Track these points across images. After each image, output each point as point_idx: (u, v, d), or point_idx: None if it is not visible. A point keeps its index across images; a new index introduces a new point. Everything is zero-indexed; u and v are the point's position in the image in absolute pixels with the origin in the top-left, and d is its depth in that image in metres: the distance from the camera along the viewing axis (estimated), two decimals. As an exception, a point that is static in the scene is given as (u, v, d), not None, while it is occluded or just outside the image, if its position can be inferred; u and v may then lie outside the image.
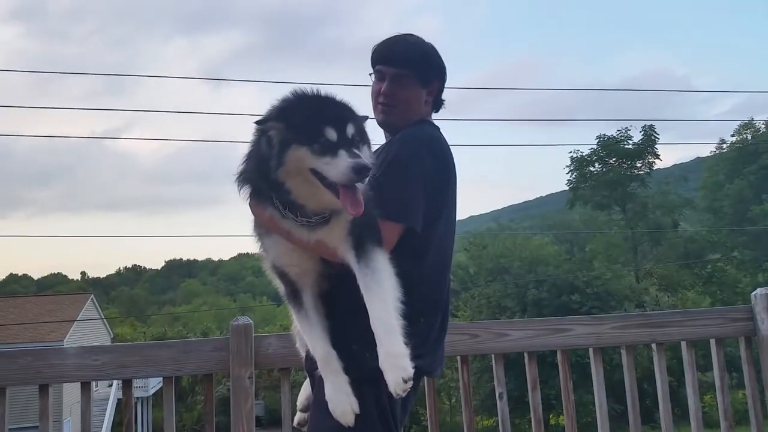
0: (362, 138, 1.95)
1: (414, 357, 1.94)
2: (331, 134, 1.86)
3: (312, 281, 2.07)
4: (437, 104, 2.38)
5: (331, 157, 1.84)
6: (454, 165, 2.24)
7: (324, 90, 2.00)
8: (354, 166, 1.80)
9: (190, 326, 44.62)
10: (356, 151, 1.86)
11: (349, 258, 1.96)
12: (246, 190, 2.00)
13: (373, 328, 1.87)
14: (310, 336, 2.05)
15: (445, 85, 2.39)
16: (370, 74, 2.32)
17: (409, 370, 1.81)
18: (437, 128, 2.32)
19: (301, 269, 2.06)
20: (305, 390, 2.40)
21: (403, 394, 1.82)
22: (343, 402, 1.98)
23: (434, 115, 2.39)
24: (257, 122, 1.95)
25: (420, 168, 2.08)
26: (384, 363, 1.83)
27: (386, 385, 1.84)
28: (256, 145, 1.96)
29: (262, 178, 1.92)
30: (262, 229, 2.08)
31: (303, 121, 1.89)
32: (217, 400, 3.00)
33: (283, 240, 2.01)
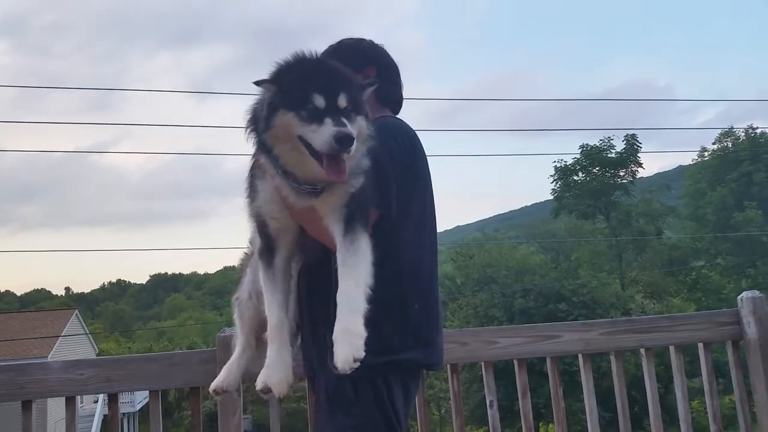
0: (356, 108, 1.89)
1: (407, 348, 1.99)
2: (320, 101, 1.81)
3: (288, 242, 2.04)
4: (388, 98, 2.35)
5: (318, 125, 1.79)
6: (420, 144, 2.23)
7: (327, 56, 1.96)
8: (336, 135, 1.75)
9: (176, 341, 44.28)
10: (344, 120, 1.80)
11: (335, 229, 1.91)
12: (252, 136, 1.93)
13: (338, 302, 1.80)
14: (270, 297, 2.01)
15: (399, 81, 2.39)
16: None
17: (362, 351, 1.72)
18: (396, 118, 2.31)
19: (281, 225, 2.02)
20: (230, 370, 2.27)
21: (349, 371, 1.72)
22: (281, 370, 1.96)
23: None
24: (255, 82, 1.90)
25: (387, 154, 2.05)
26: (339, 337, 1.75)
27: (384, 379, 1.85)
28: (254, 103, 1.94)
29: (254, 135, 1.91)
30: (259, 170, 2.00)
31: (294, 86, 1.85)
32: (205, 415, 2.96)
33: (274, 191, 1.97)
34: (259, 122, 1.87)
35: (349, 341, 1.73)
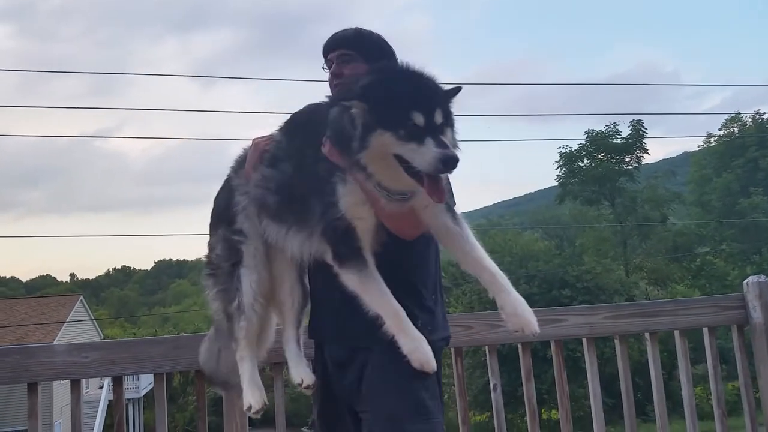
0: (448, 121, 1.88)
1: (448, 326, 2.26)
2: (419, 119, 1.79)
3: (371, 240, 2.00)
4: None
5: (417, 144, 1.78)
6: None
7: (414, 64, 1.93)
8: (442, 158, 1.75)
9: (181, 327, 44.41)
10: (443, 139, 1.80)
11: (447, 220, 2.00)
12: (346, 156, 1.89)
13: (500, 278, 1.98)
14: (380, 295, 1.96)
15: None
16: (322, 68, 2.39)
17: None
18: None
19: (367, 225, 1.98)
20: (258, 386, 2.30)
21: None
22: (426, 351, 1.96)
23: None
24: (341, 100, 1.91)
25: None
26: (524, 307, 1.98)
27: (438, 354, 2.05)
28: (339, 119, 1.91)
29: (345, 154, 1.88)
30: (340, 175, 1.95)
31: (389, 104, 1.82)
32: (210, 400, 2.96)
33: (359, 190, 1.94)
34: (352, 141, 1.84)
35: (530, 311, 1.97)
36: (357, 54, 2.32)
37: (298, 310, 2.35)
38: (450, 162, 1.75)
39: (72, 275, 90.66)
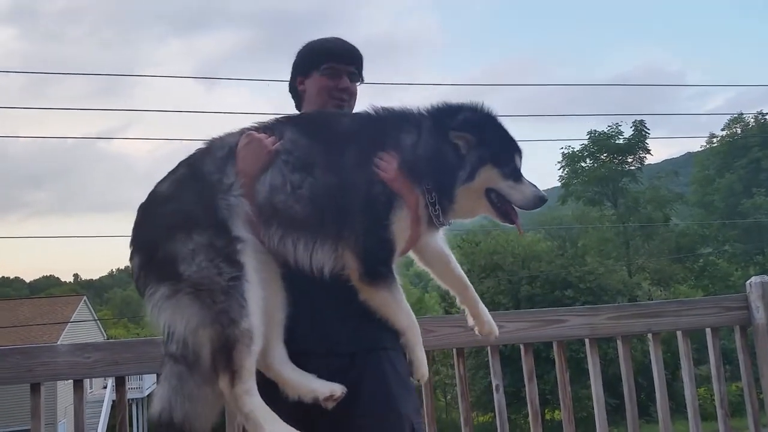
0: None
1: None
2: (519, 162, 2.06)
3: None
4: None
5: (514, 181, 2.03)
6: None
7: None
8: (540, 195, 2.03)
9: (184, 327, 44.36)
10: (530, 181, 2.06)
11: (441, 244, 2.24)
12: (447, 185, 2.02)
13: (474, 293, 2.33)
14: (407, 311, 2.08)
15: None
16: (314, 71, 2.33)
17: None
18: None
19: (402, 247, 2.09)
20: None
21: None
22: (426, 364, 2.16)
23: None
24: (454, 127, 2.01)
25: None
26: (488, 315, 2.35)
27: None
28: (437, 148, 2.02)
29: (439, 181, 2.00)
30: (400, 200, 2.01)
31: (499, 143, 2.05)
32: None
33: (409, 216, 2.03)
34: (456, 170, 1.99)
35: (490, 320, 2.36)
36: (359, 73, 2.38)
37: (283, 325, 2.05)
38: (543, 200, 2.04)
39: (75, 276, 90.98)
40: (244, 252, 1.90)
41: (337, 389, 1.99)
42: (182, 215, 1.95)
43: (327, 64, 2.31)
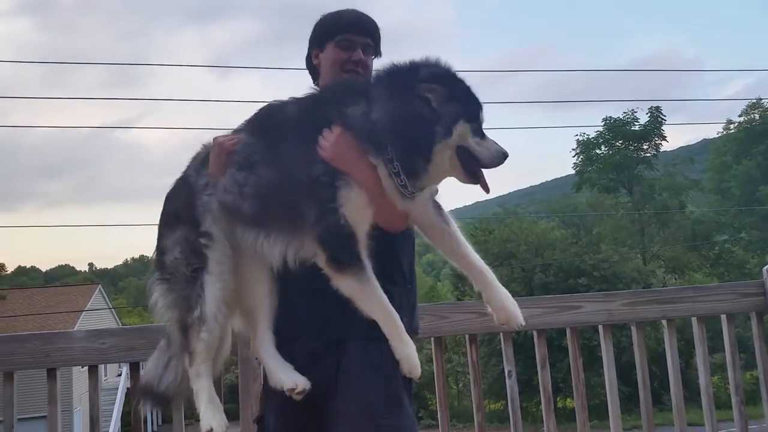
0: None
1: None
2: (482, 116, 1.93)
3: (366, 242, 1.95)
4: None
5: (481, 138, 1.90)
6: None
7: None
8: (504, 152, 1.90)
9: (198, 315, 44.68)
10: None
11: (434, 216, 2.04)
12: (427, 143, 1.87)
13: (487, 273, 2.07)
14: (378, 300, 1.92)
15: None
16: (328, 42, 2.24)
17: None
18: None
19: (366, 227, 1.93)
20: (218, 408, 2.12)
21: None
22: (415, 358, 1.97)
23: None
24: (421, 80, 1.87)
25: None
26: (510, 300, 2.09)
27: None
28: (403, 107, 1.87)
29: (411, 141, 1.86)
30: (344, 179, 1.89)
31: (468, 97, 1.92)
32: (226, 387, 2.97)
33: (365, 195, 1.90)
34: (433, 125, 1.85)
35: (515, 304, 2.09)
36: (375, 46, 2.27)
37: (272, 313, 2.15)
38: (506, 156, 1.91)
39: (90, 265, 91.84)
40: (210, 246, 2.06)
41: (301, 383, 2.00)
42: (172, 213, 2.20)
43: (341, 36, 2.22)
